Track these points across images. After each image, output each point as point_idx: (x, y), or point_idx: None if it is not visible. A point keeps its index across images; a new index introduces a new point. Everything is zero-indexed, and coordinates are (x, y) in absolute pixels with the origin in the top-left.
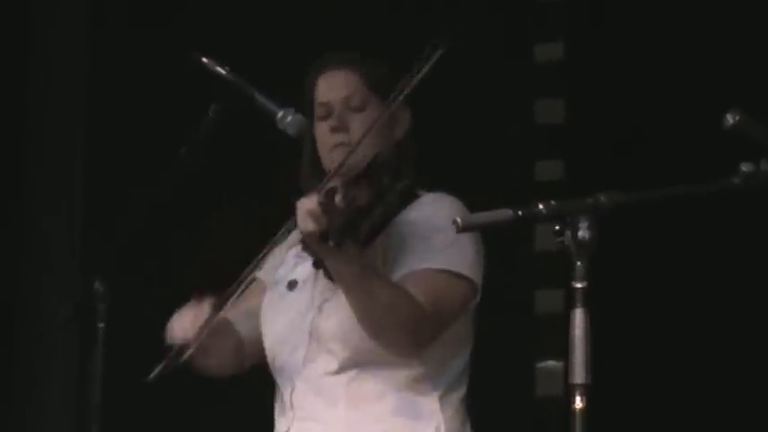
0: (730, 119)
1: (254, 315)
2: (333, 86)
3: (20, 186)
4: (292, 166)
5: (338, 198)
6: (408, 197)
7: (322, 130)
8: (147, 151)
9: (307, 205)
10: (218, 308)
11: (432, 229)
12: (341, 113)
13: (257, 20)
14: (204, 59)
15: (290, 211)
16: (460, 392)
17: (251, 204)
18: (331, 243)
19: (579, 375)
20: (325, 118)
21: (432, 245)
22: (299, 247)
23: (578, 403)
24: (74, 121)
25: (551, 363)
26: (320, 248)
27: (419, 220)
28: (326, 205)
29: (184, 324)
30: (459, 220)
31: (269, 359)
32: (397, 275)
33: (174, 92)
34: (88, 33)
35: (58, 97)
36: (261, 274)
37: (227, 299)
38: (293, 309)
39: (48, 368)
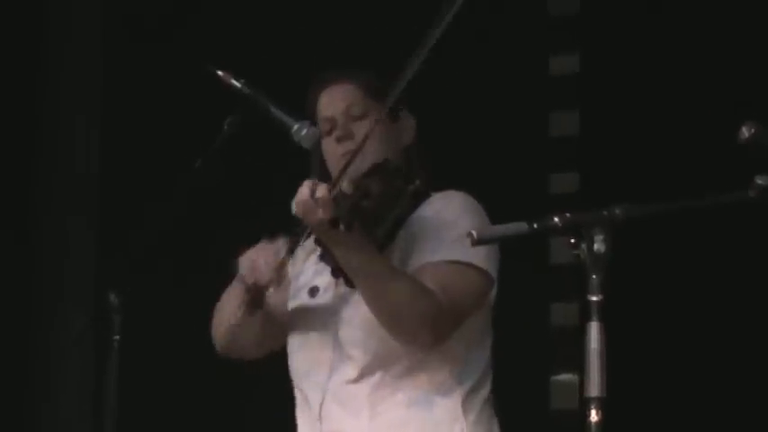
0: (746, 131)
1: (281, 295)
2: (333, 100)
3: (35, 199)
4: (307, 177)
5: (345, 184)
6: (420, 198)
7: (329, 144)
8: (162, 164)
9: (318, 193)
10: (290, 251)
11: (443, 222)
12: (344, 124)
13: (273, 33)
14: (220, 72)
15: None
16: (483, 393)
17: (265, 216)
18: (342, 227)
19: (594, 388)
20: (330, 132)
21: (444, 238)
22: (317, 255)
23: (593, 416)
24: (89, 134)
25: (566, 376)
26: (330, 239)
27: (431, 215)
28: (337, 194)
29: (269, 260)
30: (474, 233)
31: (292, 366)
32: (411, 269)
33: (189, 104)
34: (103, 46)
35: (73, 110)
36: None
37: (296, 244)
38: (316, 318)
39: (63, 380)
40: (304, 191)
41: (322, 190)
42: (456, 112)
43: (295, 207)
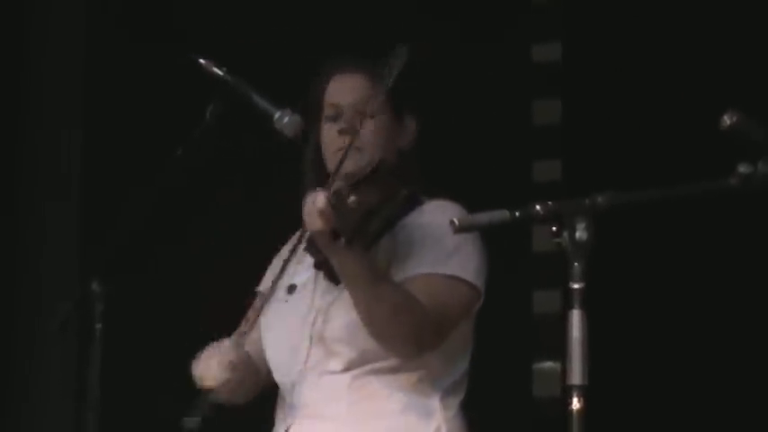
0: (728, 119)
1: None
2: (345, 89)
3: (17, 187)
4: (289, 166)
5: (351, 199)
6: (412, 203)
7: (329, 132)
8: (144, 153)
9: (317, 204)
10: (239, 344)
11: (436, 234)
12: (351, 117)
13: (254, 21)
14: (201, 60)
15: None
16: (460, 396)
17: (247, 205)
18: (343, 241)
19: (576, 376)
20: (333, 119)
21: (436, 250)
22: (299, 255)
23: (575, 404)
24: (71, 123)
25: (548, 364)
26: (328, 248)
27: (424, 225)
28: (337, 204)
29: (212, 369)
30: (456, 220)
31: (271, 364)
32: (401, 277)
33: (171, 93)
34: (85, 34)
35: (55, 98)
36: (261, 287)
37: (244, 332)
38: (293, 313)
39: (45, 369)
40: (307, 200)
41: (321, 200)
42: (438, 101)
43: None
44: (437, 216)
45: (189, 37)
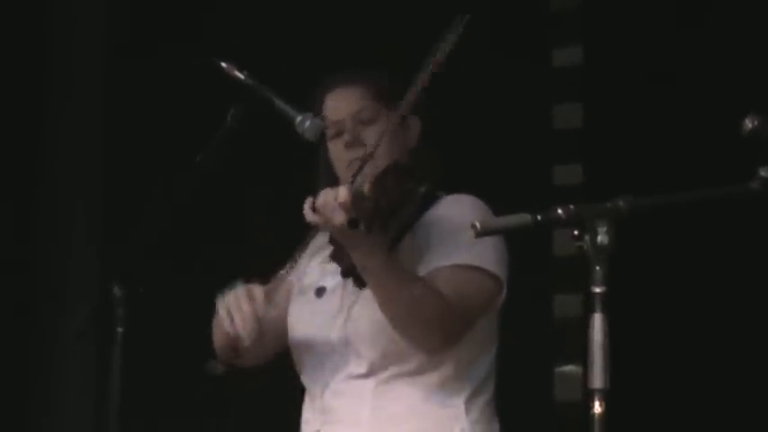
0: (749, 123)
1: (279, 308)
2: (341, 104)
3: (39, 191)
4: (311, 169)
5: (366, 187)
6: (429, 200)
7: (337, 149)
8: (165, 156)
9: (340, 196)
10: (268, 298)
11: (455, 226)
12: (353, 129)
13: (276, 25)
14: (223, 64)
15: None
16: (486, 396)
17: (268, 208)
18: (361, 228)
19: (598, 380)
20: (337, 136)
21: (456, 242)
22: (325, 255)
23: (597, 408)
24: (93, 126)
25: (570, 367)
26: (349, 241)
27: (442, 219)
28: (357, 196)
29: (245, 312)
30: (477, 224)
31: (299, 365)
32: (423, 272)
33: (193, 96)
34: (106, 36)
35: (77, 101)
36: (291, 276)
37: (273, 289)
38: (322, 315)
39: (66, 372)
40: (327, 195)
41: (344, 193)
42: (459, 105)
43: (316, 210)
44: (455, 209)
45: (210, 40)
